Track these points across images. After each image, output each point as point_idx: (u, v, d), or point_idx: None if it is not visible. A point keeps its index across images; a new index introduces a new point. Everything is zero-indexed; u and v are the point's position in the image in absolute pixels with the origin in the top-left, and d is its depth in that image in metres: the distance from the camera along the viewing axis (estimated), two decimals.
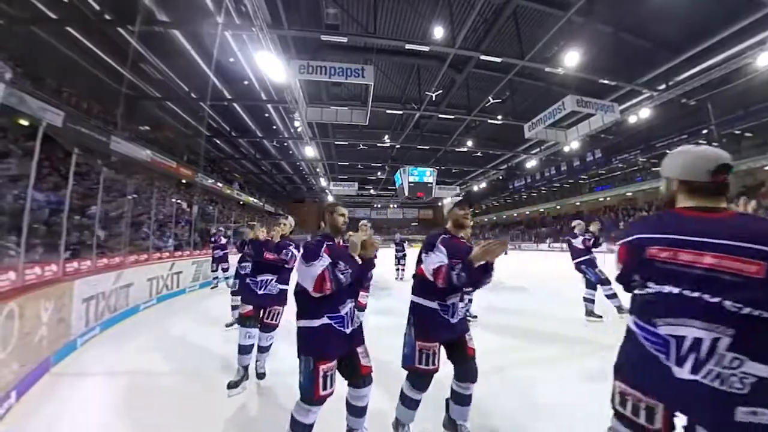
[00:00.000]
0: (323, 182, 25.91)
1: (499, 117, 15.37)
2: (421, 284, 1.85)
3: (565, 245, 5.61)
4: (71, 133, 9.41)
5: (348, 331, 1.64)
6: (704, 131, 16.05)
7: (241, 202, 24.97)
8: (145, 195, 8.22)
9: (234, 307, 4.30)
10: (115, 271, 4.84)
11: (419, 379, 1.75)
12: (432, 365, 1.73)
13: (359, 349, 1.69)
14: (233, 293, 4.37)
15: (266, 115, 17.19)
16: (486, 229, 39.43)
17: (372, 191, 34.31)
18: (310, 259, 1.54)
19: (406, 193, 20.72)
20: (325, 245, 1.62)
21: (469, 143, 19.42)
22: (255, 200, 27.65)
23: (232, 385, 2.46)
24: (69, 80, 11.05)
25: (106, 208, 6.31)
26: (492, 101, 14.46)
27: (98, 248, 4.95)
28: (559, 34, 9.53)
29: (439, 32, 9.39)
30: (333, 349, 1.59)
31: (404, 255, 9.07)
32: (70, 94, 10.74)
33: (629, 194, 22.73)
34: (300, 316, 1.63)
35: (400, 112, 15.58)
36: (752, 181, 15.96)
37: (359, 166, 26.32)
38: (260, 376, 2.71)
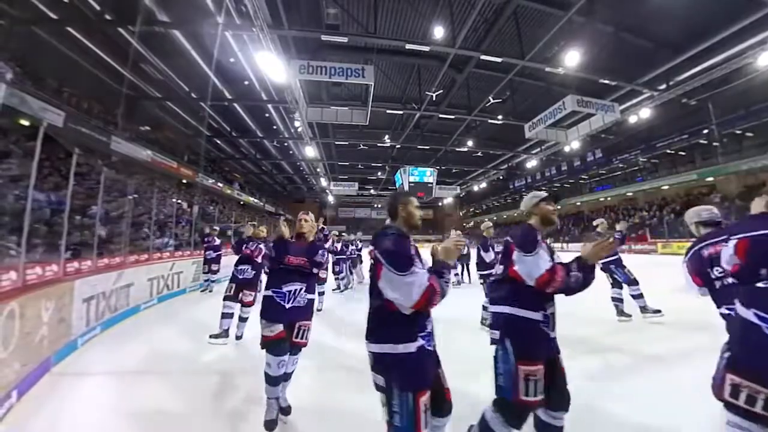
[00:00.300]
0: (324, 182, 25.91)
1: (500, 117, 15.37)
2: (515, 291, 1.54)
3: (569, 245, 5.56)
4: (72, 133, 9.42)
5: (433, 349, 1.39)
6: (705, 131, 16.04)
7: (242, 202, 24.97)
8: (146, 195, 8.23)
9: (225, 315, 3.77)
10: (116, 271, 4.85)
11: (518, 413, 1.42)
12: (539, 395, 1.40)
13: (440, 370, 1.44)
14: (226, 298, 3.85)
15: (266, 115, 17.20)
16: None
17: (372, 191, 34.28)
18: (407, 266, 1.25)
19: None
20: (413, 246, 1.37)
21: (470, 143, 19.41)
22: (255, 200, 27.65)
23: (269, 427, 1.98)
24: (70, 80, 11.07)
25: (106, 208, 6.32)
26: (492, 101, 14.45)
27: (99, 248, 4.96)
28: (560, 34, 9.53)
29: (439, 32, 9.40)
30: (430, 375, 1.34)
31: None
32: (71, 94, 10.75)
33: (630, 194, 22.69)
34: (382, 339, 1.31)
35: (401, 112, 15.58)
36: (753, 180, 15.91)
37: (359, 166, 26.31)
38: (285, 411, 2.13)
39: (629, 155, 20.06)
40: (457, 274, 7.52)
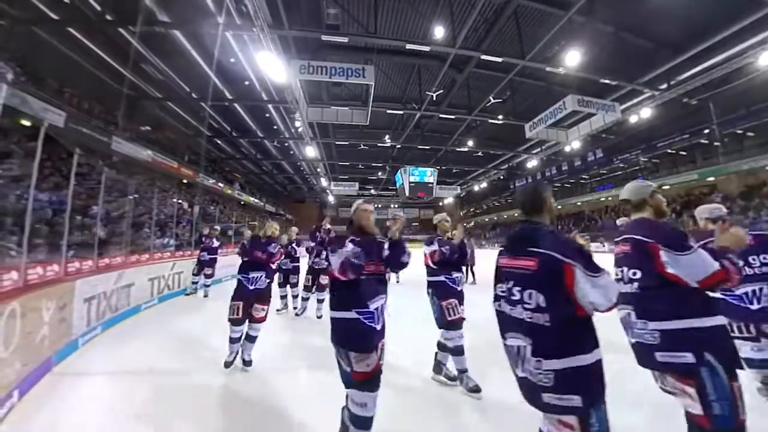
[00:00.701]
0: (324, 182, 25.93)
1: (500, 117, 15.36)
2: (682, 298, 1.32)
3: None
4: (73, 133, 9.44)
5: None
6: (706, 131, 16.00)
7: (242, 203, 25.00)
8: (147, 195, 8.24)
9: (233, 340, 3.07)
10: (116, 271, 4.85)
11: None
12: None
13: None
14: (233, 322, 3.07)
15: (267, 115, 17.21)
16: (487, 229, 39.39)
17: (373, 191, 34.30)
18: (598, 266, 1.21)
19: (407, 194, 20.72)
20: None
21: (470, 143, 19.40)
22: (256, 200, 27.68)
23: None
24: (71, 81, 11.09)
25: (107, 208, 6.33)
26: (493, 101, 14.44)
27: (99, 248, 4.97)
28: (560, 33, 9.52)
29: (439, 32, 9.39)
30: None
31: None
32: (72, 94, 10.77)
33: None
34: (571, 352, 1.17)
35: (401, 112, 15.58)
36: (754, 180, 15.88)
37: (360, 166, 26.31)
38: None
39: (630, 155, 20.03)
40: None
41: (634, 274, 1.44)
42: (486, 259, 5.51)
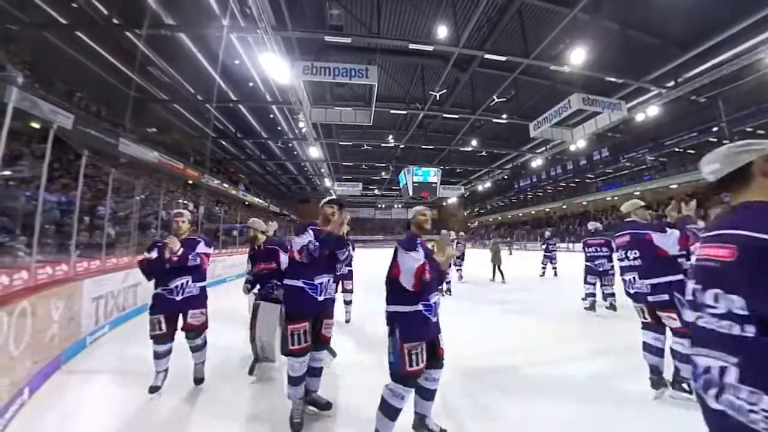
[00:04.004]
0: (328, 182, 26.01)
1: (504, 116, 15.26)
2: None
3: (574, 245, 5.47)
4: (81, 135, 9.61)
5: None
6: (715, 129, 15.75)
7: (247, 203, 25.18)
8: (153, 196, 8.34)
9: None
10: (124, 270, 4.92)
11: None
12: None
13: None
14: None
15: (271, 116, 17.34)
16: (491, 229, 39.15)
17: (376, 191, 34.32)
18: None
19: (411, 193, 20.72)
20: None
21: (474, 143, 19.32)
22: (260, 201, 27.88)
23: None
24: (79, 84, 11.29)
25: (114, 209, 6.43)
26: (497, 100, 14.37)
27: (106, 248, 5.04)
28: (565, 31, 9.43)
29: (442, 31, 9.37)
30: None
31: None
32: (80, 97, 10.96)
33: (637, 193, 22.36)
34: None
35: (404, 112, 15.58)
36: None
37: (363, 167, 26.36)
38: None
39: (637, 154, 19.78)
40: (449, 282, 6.75)
41: None
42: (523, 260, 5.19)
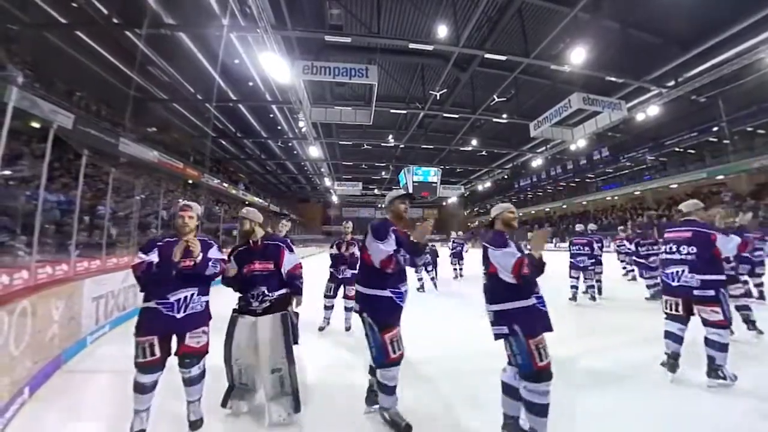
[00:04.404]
0: (328, 182, 26.02)
1: (504, 116, 15.25)
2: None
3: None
4: (81, 135, 9.61)
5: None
6: (715, 128, 15.73)
7: (247, 202, 25.19)
8: (152, 196, 8.34)
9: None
10: (124, 270, 4.92)
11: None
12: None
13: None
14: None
15: (271, 115, 17.33)
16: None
17: (376, 191, 34.28)
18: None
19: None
20: None
21: (474, 142, 19.30)
22: (260, 200, 27.88)
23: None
24: (79, 84, 11.29)
25: (114, 209, 6.43)
26: (497, 100, 14.36)
27: (107, 248, 5.05)
28: (565, 30, 9.42)
29: (442, 31, 9.36)
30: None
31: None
32: (80, 96, 10.96)
33: (637, 193, 22.34)
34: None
35: (404, 112, 15.57)
36: (765, 179, 15.56)
37: (363, 166, 26.36)
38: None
39: (637, 153, 19.76)
40: (421, 279, 6.98)
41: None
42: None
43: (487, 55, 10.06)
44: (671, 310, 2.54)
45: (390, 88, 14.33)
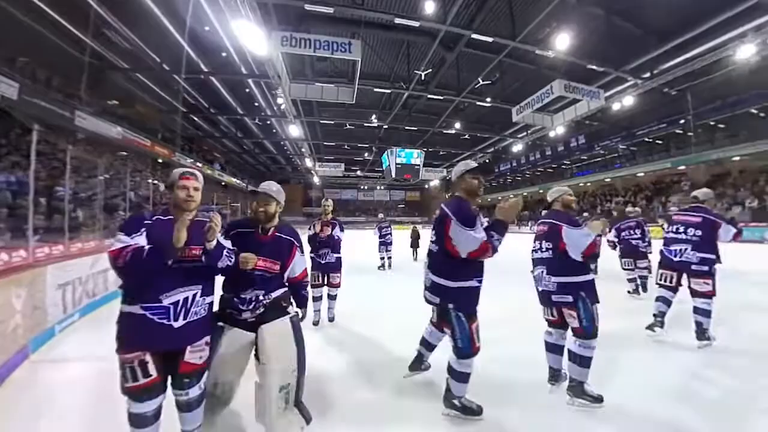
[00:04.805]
0: (309, 163, 25.32)
1: (488, 99, 15.28)
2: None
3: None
4: (29, 107, 8.57)
5: None
6: (681, 121, 16.63)
7: (223, 183, 24.13)
8: (118, 176, 7.77)
9: None
10: (91, 255, 4.65)
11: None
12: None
13: None
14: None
15: (247, 90, 16.32)
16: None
17: (359, 173, 33.89)
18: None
19: (393, 175, 20.61)
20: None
21: (458, 125, 19.30)
22: (238, 181, 26.78)
23: None
24: (23, 49, 9.95)
25: (75, 190, 5.94)
26: (482, 83, 14.29)
27: (70, 232, 4.71)
28: (552, 15, 9.39)
29: (430, 7, 9.02)
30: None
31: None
32: (26, 63, 9.71)
33: (608, 180, 23.58)
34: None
35: (389, 91, 15.16)
36: (720, 170, 16.89)
37: (346, 147, 25.79)
38: None
39: (610, 142, 20.63)
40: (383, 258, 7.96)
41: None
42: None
43: (474, 36, 9.88)
44: (666, 281, 2.98)
45: (374, 66, 13.83)
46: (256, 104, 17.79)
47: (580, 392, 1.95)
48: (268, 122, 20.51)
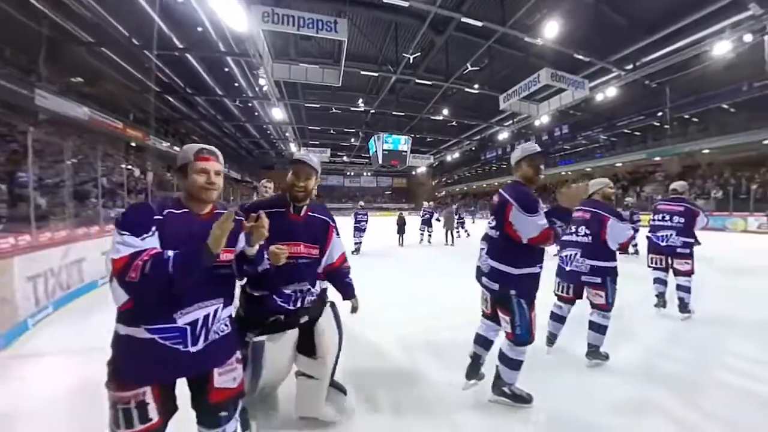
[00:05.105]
0: (293, 148, 24.63)
1: (476, 86, 15.20)
2: None
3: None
4: None
5: None
6: (659, 113, 17.23)
7: None
8: (88, 160, 7.26)
9: None
10: (62, 245, 4.40)
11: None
12: None
13: None
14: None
15: (226, 69, 15.43)
16: (457, 198, 40.72)
17: (345, 158, 33.40)
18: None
19: (380, 161, 20.45)
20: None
21: (445, 111, 19.18)
22: None
23: None
24: None
25: (39, 175, 5.52)
26: (470, 68, 14.14)
27: (37, 221, 4.42)
28: (542, 0, 9.28)
29: None
30: None
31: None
32: None
33: (588, 169, 24.36)
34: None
35: (376, 74, 14.75)
36: (691, 162, 17.81)
37: (332, 132, 25.19)
38: None
39: (592, 132, 21.17)
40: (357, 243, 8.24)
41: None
42: None
43: (464, 20, 9.68)
44: (657, 264, 3.41)
45: (361, 47, 13.34)
46: (237, 85, 16.90)
47: (596, 354, 2.37)
48: (250, 104, 19.60)
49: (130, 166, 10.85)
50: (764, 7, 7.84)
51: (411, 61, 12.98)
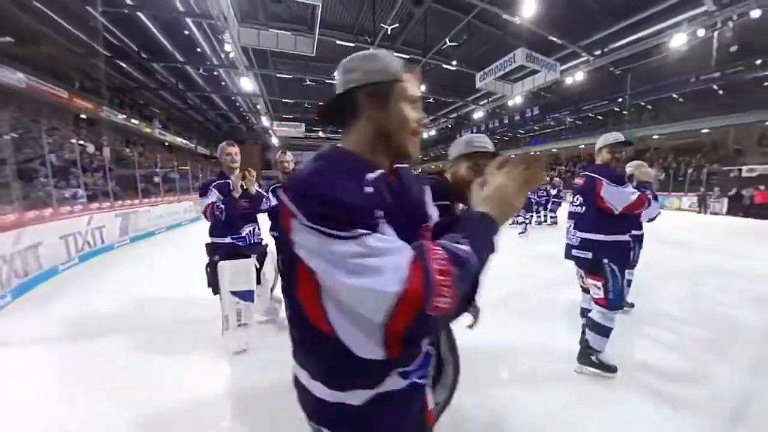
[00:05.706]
0: (265, 122, 23.32)
1: (454, 62, 15.05)
2: None
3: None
4: None
5: None
6: (620, 99, 18.27)
7: (167, 143, 21.48)
8: (32, 135, 6.54)
9: None
10: (11, 230, 4.12)
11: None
12: None
13: None
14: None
15: (186, 32, 13.95)
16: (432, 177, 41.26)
17: (321, 134, 32.24)
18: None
19: None
20: None
21: (422, 87, 18.79)
22: (184, 141, 23.95)
23: None
24: None
25: None
26: (449, 44, 13.92)
27: None
28: None
29: None
30: None
31: None
32: None
33: (555, 150, 25.59)
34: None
35: (352, 45, 14.03)
36: (643, 146, 19.39)
37: (306, 105, 24.05)
38: None
39: (560, 115, 22.00)
40: None
41: None
42: None
43: None
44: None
45: (337, 14, 12.56)
46: (199, 50, 15.39)
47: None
48: (215, 73, 18.04)
49: (82, 141, 9.83)
50: (717, 5, 8.34)
51: (389, 33, 12.49)
